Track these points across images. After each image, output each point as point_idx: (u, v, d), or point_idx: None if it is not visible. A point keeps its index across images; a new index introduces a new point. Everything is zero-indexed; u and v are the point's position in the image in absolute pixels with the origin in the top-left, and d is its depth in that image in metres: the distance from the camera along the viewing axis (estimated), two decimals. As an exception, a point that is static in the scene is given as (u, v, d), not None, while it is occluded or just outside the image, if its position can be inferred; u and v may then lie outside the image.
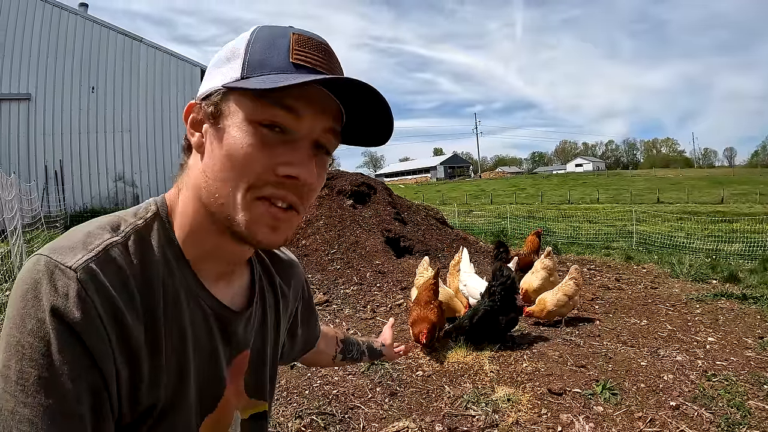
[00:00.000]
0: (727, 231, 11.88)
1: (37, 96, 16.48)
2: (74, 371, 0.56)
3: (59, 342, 0.56)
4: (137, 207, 0.74)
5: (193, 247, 0.72)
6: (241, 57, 0.67)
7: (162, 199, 0.75)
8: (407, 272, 6.43)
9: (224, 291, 0.78)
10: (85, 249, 0.61)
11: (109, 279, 0.60)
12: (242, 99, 0.65)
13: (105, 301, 0.59)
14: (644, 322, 4.81)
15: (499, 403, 3.13)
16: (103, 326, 0.58)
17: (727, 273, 6.94)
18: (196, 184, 0.69)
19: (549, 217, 18.83)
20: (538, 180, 72.08)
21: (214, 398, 0.76)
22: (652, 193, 38.84)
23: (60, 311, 0.56)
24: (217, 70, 0.69)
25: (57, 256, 0.60)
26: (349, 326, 4.71)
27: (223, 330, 0.77)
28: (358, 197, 8.52)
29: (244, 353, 0.82)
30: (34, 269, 0.59)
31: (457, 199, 39.45)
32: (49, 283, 0.57)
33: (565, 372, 3.57)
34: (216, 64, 0.70)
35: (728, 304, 5.35)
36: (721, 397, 3.11)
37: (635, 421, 2.86)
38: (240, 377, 0.82)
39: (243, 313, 0.80)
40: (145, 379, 0.64)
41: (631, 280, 6.84)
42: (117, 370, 0.61)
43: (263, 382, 0.89)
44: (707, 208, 24.96)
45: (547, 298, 4.63)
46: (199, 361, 0.72)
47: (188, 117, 0.71)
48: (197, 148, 0.70)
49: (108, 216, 0.70)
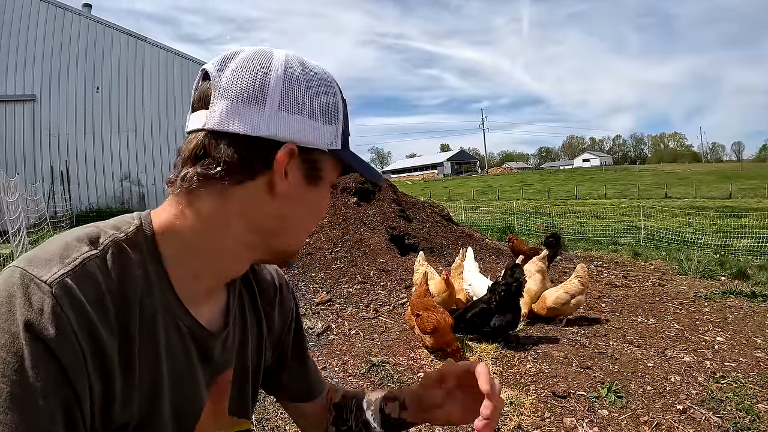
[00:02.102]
0: (736, 226, 11.76)
1: (42, 97, 16.59)
2: (48, 388, 0.55)
3: (33, 358, 0.55)
4: (118, 219, 0.72)
5: (180, 266, 0.70)
6: (339, 121, 0.73)
7: (147, 214, 0.72)
8: (412, 270, 6.36)
9: (203, 310, 0.76)
10: (62, 262, 0.60)
11: (85, 294, 0.59)
12: (334, 165, 0.75)
13: (80, 317, 0.58)
14: (651, 320, 4.73)
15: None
16: (78, 343, 0.58)
17: (736, 269, 6.83)
18: (253, 220, 0.71)
19: (556, 213, 18.73)
20: (546, 175, 71.85)
21: (192, 418, 0.75)
22: (660, 188, 38.58)
23: (34, 327, 0.55)
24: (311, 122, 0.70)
25: (32, 269, 0.59)
26: (351, 326, 4.66)
27: (201, 350, 0.75)
28: (362, 195, 8.45)
29: (227, 373, 0.81)
30: (9, 281, 0.58)
31: (463, 196, 39.38)
32: (24, 297, 0.56)
33: (569, 373, 3.50)
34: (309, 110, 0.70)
35: (737, 302, 5.25)
36: (729, 400, 3.03)
37: (641, 425, 2.79)
38: (224, 397, 0.81)
39: (220, 333, 0.79)
40: (118, 397, 0.63)
41: (639, 277, 6.75)
42: (90, 387, 0.59)
43: (245, 401, 0.87)
44: (715, 203, 24.73)
45: (548, 295, 4.57)
46: (174, 380, 0.71)
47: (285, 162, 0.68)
48: (276, 191, 0.69)
49: (87, 226, 0.68)
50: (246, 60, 0.68)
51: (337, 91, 0.74)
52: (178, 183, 0.69)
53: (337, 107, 0.73)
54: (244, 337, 0.85)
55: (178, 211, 0.70)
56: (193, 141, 0.68)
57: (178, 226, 0.70)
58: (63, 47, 16.84)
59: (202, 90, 0.70)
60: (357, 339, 4.34)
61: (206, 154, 0.67)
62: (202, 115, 0.68)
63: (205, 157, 0.67)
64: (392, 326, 4.69)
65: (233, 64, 0.68)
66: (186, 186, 0.68)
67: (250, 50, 0.70)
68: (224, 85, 0.67)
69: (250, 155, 0.67)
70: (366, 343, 4.26)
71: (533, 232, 13.26)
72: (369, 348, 4.11)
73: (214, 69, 0.68)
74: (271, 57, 0.69)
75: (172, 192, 0.70)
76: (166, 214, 0.71)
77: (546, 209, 20.99)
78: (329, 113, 0.71)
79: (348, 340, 4.32)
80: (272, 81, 0.67)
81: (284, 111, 0.67)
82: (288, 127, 0.67)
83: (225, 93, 0.66)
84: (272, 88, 0.67)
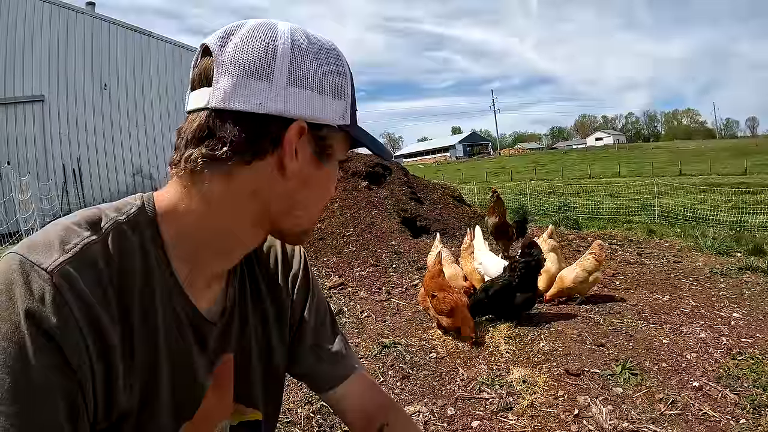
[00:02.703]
0: (752, 203, 11.54)
1: (51, 97, 16.73)
2: (50, 378, 0.55)
3: (34, 347, 0.54)
4: (121, 201, 0.71)
5: (182, 250, 0.69)
6: (348, 94, 0.70)
7: (150, 195, 0.71)
8: (424, 252, 6.34)
9: (203, 295, 0.75)
10: (62, 249, 0.59)
11: (85, 281, 0.59)
12: (343, 141, 0.73)
13: (82, 305, 0.58)
14: (666, 297, 4.66)
15: (514, 385, 3.05)
16: (79, 331, 0.57)
17: (752, 246, 6.70)
18: (262, 201, 0.68)
19: (570, 192, 18.57)
20: (558, 155, 71.25)
21: (192, 405, 0.73)
22: (674, 166, 38.04)
23: (35, 315, 0.55)
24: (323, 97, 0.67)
25: (32, 255, 0.58)
26: (363, 308, 4.66)
27: (199, 336, 0.74)
28: (373, 178, 8.44)
29: (227, 358, 0.79)
30: (8, 269, 0.57)
31: (476, 177, 39.16)
32: (24, 285, 0.56)
33: (583, 351, 3.47)
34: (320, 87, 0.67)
35: (753, 278, 5.16)
36: (746, 377, 2.97)
37: (656, 403, 2.75)
38: (227, 384, 0.79)
39: (220, 318, 0.77)
40: (120, 385, 0.62)
41: (654, 255, 6.66)
42: (93, 376, 0.59)
43: (253, 389, 0.85)
44: (730, 179, 24.32)
45: (565, 275, 4.52)
46: (172, 365, 0.69)
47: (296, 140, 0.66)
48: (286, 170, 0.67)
49: (89, 209, 0.67)
50: (250, 33, 0.65)
51: (344, 63, 0.71)
52: (182, 164, 0.66)
53: (345, 80, 0.70)
54: (245, 322, 0.83)
55: (182, 193, 0.68)
56: (195, 121, 0.66)
57: (182, 208, 0.68)
58: (69, 46, 16.92)
59: (203, 66, 0.66)
60: (369, 321, 4.35)
61: (211, 134, 0.64)
62: (205, 93, 0.65)
63: (210, 138, 0.64)
64: (404, 308, 4.69)
65: (236, 38, 0.65)
66: (190, 167, 0.65)
67: (253, 23, 0.67)
68: (227, 60, 0.63)
69: (257, 134, 0.64)
70: (378, 325, 4.27)
71: (546, 212, 13.16)
72: (381, 330, 4.12)
73: (215, 44, 0.65)
74: (276, 29, 0.66)
75: (176, 173, 0.68)
76: (169, 196, 0.69)
77: (560, 189, 20.83)
78: (338, 87, 0.69)
79: (360, 322, 4.33)
80: (279, 54, 0.64)
81: (292, 86, 0.64)
82: (297, 103, 0.64)
83: (229, 68, 0.63)
84: (279, 61, 0.63)
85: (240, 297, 0.82)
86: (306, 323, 0.95)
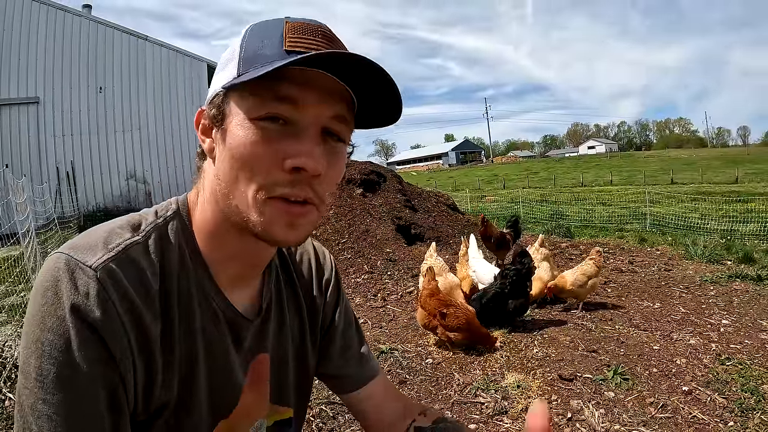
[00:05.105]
0: (742, 211, 11.66)
1: (46, 99, 16.61)
2: (93, 369, 0.57)
3: (79, 340, 0.57)
4: (159, 205, 0.75)
5: (212, 249, 0.72)
6: (236, 56, 0.65)
7: (184, 198, 0.76)
8: (418, 259, 6.39)
9: (239, 294, 0.77)
10: (105, 248, 0.62)
11: (128, 278, 0.61)
12: (241, 97, 0.63)
13: (124, 300, 0.60)
14: (657, 305, 4.75)
15: (509, 389, 3.11)
16: (122, 325, 0.59)
17: (742, 254, 6.82)
18: (212, 189, 0.69)
19: (562, 200, 18.67)
20: (551, 163, 71.49)
21: (229, 402, 0.75)
22: (666, 174, 38.28)
23: (80, 309, 0.57)
24: (220, 74, 0.68)
25: (77, 254, 0.60)
26: (359, 315, 4.71)
27: (235, 334, 0.76)
28: (367, 186, 8.49)
29: (263, 357, 0.78)
30: (54, 267, 0.59)
31: (469, 185, 39.25)
32: (70, 281, 0.58)
33: (576, 357, 3.54)
34: (219, 68, 0.69)
35: (743, 286, 5.26)
36: (734, 382, 3.06)
37: (647, 406, 2.83)
38: (262, 383, 0.79)
39: (256, 317, 0.79)
40: (159, 379, 0.65)
41: (645, 263, 6.76)
42: (134, 369, 0.62)
43: (286, 388, 0.87)
44: (722, 188, 24.53)
45: (567, 276, 4.60)
46: (210, 363, 0.72)
47: (198, 124, 0.70)
48: (209, 153, 0.69)
49: (131, 215, 0.71)
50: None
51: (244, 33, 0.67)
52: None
53: (236, 49, 0.66)
54: (282, 322, 0.85)
55: (197, 191, 0.74)
56: None
57: (200, 206, 0.72)
58: (65, 49, 16.83)
59: None
60: (365, 327, 4.39)
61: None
62: None
63: None
64: (400, 314, 4.74)
65: None
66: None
67: None
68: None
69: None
70: (374, 331, 4.31)
71: (539, 220, 13.25)
72: (377, 336, 4.16)
73: None
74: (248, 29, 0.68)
75: None
76: (191, 197, 0.75)
77: (552, 197, 20.93)
78: (229, 58, 0.67)
79: (356, 329, 4.36)
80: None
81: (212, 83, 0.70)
82: (210, 91, 0.69)
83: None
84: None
85: (277, 298, 0.85)
86: (336, 326, 0.97)
